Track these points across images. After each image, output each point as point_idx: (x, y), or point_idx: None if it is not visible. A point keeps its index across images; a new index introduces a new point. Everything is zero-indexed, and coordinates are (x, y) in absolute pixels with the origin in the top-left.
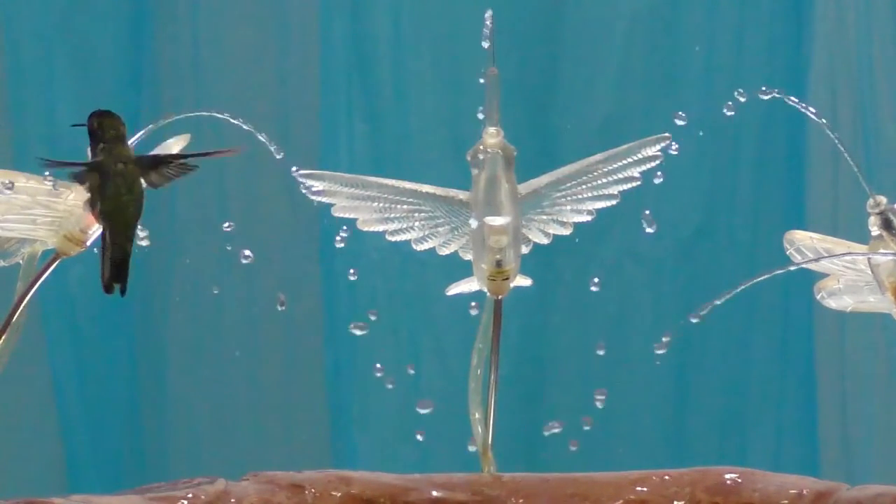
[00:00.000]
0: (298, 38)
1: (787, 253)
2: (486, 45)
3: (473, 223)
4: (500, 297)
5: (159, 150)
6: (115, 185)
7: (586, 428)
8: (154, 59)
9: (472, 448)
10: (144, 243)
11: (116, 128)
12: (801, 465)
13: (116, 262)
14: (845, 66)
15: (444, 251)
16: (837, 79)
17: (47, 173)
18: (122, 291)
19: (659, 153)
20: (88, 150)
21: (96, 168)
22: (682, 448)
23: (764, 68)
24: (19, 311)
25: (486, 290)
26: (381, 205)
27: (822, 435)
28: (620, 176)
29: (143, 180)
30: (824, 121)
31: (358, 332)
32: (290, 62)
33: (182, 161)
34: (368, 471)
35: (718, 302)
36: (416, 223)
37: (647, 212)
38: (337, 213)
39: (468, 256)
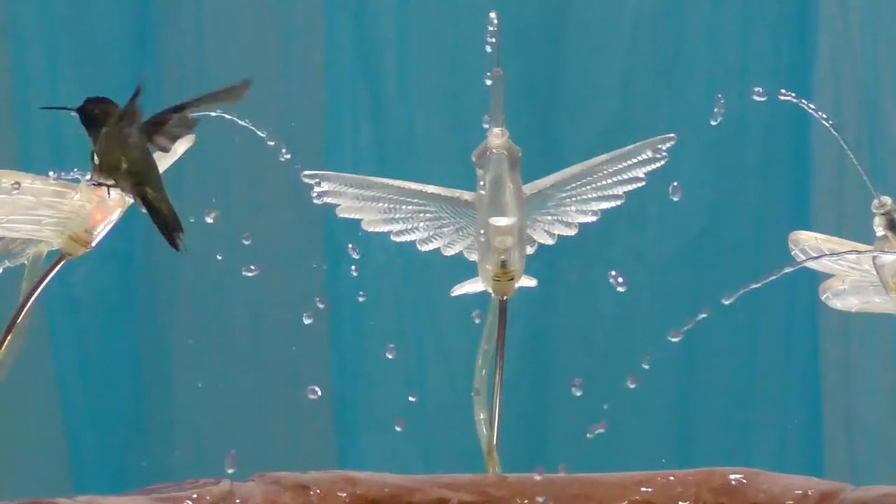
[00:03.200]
0: (303, 39)
1: (792, 253)
2: (490, 48)
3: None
4: (504, 297)
5: None
6: (141, 149)
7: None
8: (158, 60)
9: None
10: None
11: (118, 113)
12: (806, 465)
13: (170, 215)
14: (850, 67)
15: (449, 252)
16: (842, 79)
17: (51, 173)
18: (176, 245)
19: (664, 153)
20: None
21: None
22: (688, 449)
23: (769, 69)
24: (24, 311)
25: (491, 290)
26: (385, 205)
27: (827, 435)
28: (625, 176)
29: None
30: (829, 121)
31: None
32: (295, 63)
33: (180, 115)
34: (374, 471)
35: (684, 331)
36: (421, 224)
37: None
38: (342, 214)
39: (473, 257)
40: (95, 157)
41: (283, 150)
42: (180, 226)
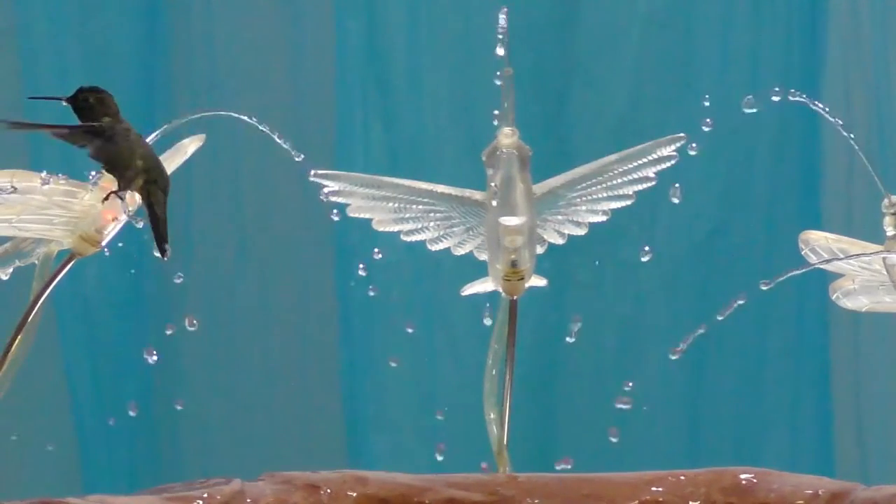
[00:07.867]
0: (314, 39)
1: (803, 253)
2: (500, 46)
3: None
4: (515, 297)
5: (174, 151)
6: (144, 147)
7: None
8: (168, 59)
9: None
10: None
11: (115, 103)
12: (817, 465)
13: (163, 220)
14: (859, 66)
15: (459, 251)
16: (852, 78)
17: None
18: (166, 252)
19: (674, 153)
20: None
21: (101, 133)
22: (698, 448)
23: (778, 67)
24: (35, 311)
25: (501, 290)
26: (396, 205)
27: (838, 435)
28: (635, 176)
29: None
30: (839, 121)
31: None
32: (306, 62)
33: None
34: (384, 471)
35: (688, 342)
36: (432, 223)
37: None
38: (352, 214)
39: (483, 257)
40: (100, 157)
41: (293, 151)
42: (166, 236)
